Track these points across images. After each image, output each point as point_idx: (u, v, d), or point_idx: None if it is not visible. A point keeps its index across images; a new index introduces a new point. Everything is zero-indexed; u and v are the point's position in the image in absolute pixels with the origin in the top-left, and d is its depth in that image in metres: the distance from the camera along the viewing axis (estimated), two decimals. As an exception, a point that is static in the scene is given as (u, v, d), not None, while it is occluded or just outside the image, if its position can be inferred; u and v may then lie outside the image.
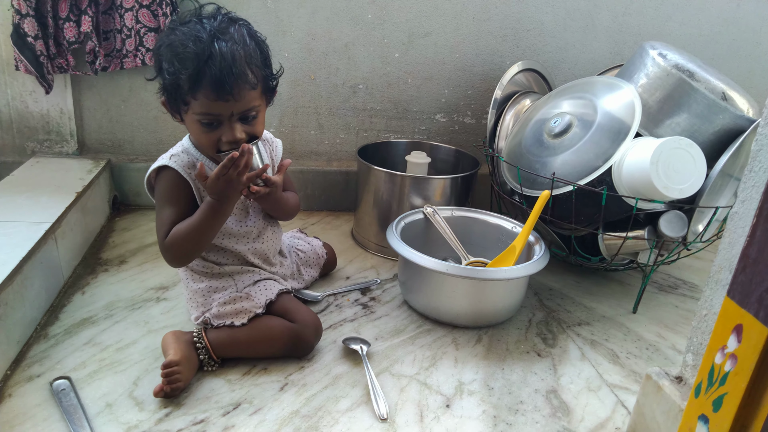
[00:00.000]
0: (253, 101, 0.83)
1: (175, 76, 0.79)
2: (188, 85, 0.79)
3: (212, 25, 0.80)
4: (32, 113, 1.34)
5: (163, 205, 0.87)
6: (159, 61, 0.82)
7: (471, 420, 0.79)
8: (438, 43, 1.41)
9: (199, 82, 0.79)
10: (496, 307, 1.01)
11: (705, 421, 0.58)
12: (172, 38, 0.80)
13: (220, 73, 0.78)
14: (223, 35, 0.79)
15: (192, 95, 0.80)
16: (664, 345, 1.01)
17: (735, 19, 1.47)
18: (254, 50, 0.83)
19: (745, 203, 0.60)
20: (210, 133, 0.83)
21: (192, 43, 0.78)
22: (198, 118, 0.82)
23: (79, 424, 0.73)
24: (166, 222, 0.85)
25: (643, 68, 1.08)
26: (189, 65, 0.78)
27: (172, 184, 0.87)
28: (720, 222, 1.06)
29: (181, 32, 0.79)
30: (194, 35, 0.78)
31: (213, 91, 0.79)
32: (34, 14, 1.17)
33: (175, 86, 0.80)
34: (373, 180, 1.25)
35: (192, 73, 0.78)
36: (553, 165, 1.06)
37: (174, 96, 0.82)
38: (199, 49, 0.78)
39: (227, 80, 0.78)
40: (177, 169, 0.86)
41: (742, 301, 0.54)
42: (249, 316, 0.87)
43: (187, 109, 0.82)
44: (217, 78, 0.78)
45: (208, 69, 0.78)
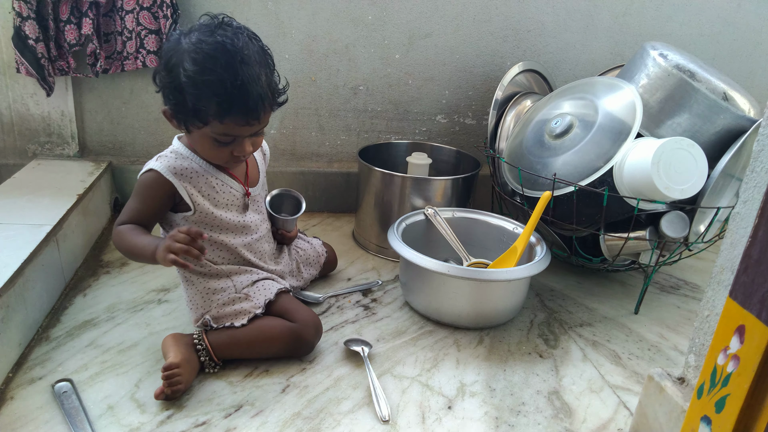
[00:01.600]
0: (266, 120, 0.85)
1: (202, 102, 0.78)
2: (216, 111, 0.79)
3: (236, 47, 0.78)
4: (33, 116, 1.34)
5: (134, 196, 0.87)
6: (177, 81, 0.79)
7: (473, 421, 0.79)
8: (438, 44, 1.41)
9: (229, 110, 0.79)
10: (498, 308, 1.00)
11: (708, 422, 0.58)
12: (196, 58, 0.77)
13: (253, 101, 0.79)
14: (248, 58, 0.79)
15: (218, 120, 0.80)
16: (665, 346, 1.01)
17: (735, 20, 1.47)
18: (270, 70, 0.85)
19: (747, 204, 0.60)
20: (222, 149, 0.84)
21: (223, 69, 0.77)
22: (214, 137, 0.82)
23: (81, 426, 0.73)
24: (128, 212, 0.86)
25: (644, 68, 1.08)
26: (221, 93, 0.77)
27: (150, 184, 0.86)
28: (721, 222, 1.06)
29: (205, 54, 0.77)
30: (222, 61, 0.77)
31: (242, 117, 0.80)
32: (35, 17, 1.18)
33: (199, 110, 0.79)
34: (374, 181, 1.25)
35: (224, 101, 0.78)
36: (554, 166, 1.06)
37: (192, 116, 0.81)
38: (231, 77, 0.77)
39: (257, 107, 0.80)
40: (160, 171, 0.86)
41: (745, 301, 0.54)
42: (248, 317, 0.87)
43: (202, 126, 0.81)
44: (249, 106, 0.79)
45: (240, 97, 0.78)
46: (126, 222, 0.86)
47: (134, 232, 0.85)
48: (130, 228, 0.85)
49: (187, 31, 0.81)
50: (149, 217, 0.87)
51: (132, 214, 0.86)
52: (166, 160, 0.87)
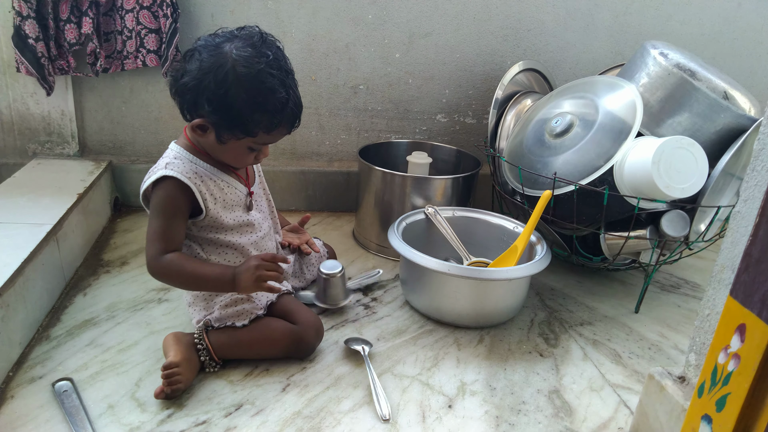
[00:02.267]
0: None
1: (256, 116, 0.81)
2: (269, 124, 0.82)
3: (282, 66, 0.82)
4: (33, 115, 1.34)
5: (158, 215, 0.84)
6: (229, 96, 0.79)
7: (473, 420, 0.79)
8: (439, 43, 1.41)
9: (280, 123, 0.83)
10: (498, 307, 1.00)
11: (708, 421, 0.58)
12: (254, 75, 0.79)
13: (299, 113, 0.86)
14: (291, 72, 0.84)
15: (267, 132, 0.83)
16: (666, 345, 1.01)
17: (736, 19, 1.47)
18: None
19: (748, 202, 0.60)
20: (251, 155, 0.88)
21: (281, 88, 0.81)
22: (253, 146, 0.86)
23: (81, 425, 0.73)
24: (160, 234, 0.83)
25: (645, 67, 1.08)
26: (277, 110, 0.81)
27: (171, 194, 0.84)
28: (722, 221, 1.06)
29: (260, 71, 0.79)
30: (279, 78, 0.81)
31: (287, 128, 0.86)
32: (35, 16, 1.18)
33: (251, 123, 0.81)
34: (374, 180, 1.25)
35: (277, 116, 0.82)
36: (555, 165, 1.06)
37: (238, 129, 0.82)
38: (286, 95, 0.82)
39: (299, 117, 0.87)
40: (177, 176, 0.83)
41: (745, 300, 0.53)
42: (250, 317, 0.87)
43: (245, 137, 0.83)
44: (296, 118, 0.86)
45: (291, 112, 0.84)
46: (165, 250, 0.82)
47: (190, 262, 0.84)
48: (180, 258, 0.83)
49: (226, 40, 0.81)
50: (181, 231, 0.85)
51: (165, 236, 0.83)
52: (176, 166, 0.85)
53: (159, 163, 0.87)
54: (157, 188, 0.84)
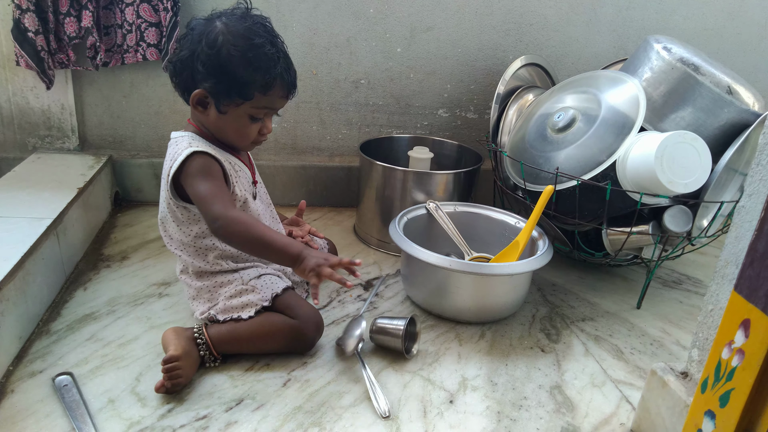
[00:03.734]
0: None
1: (250, 74, 0.82)
2: (265, 84, 0.83)
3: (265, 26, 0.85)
4: (33, 109, 1.33)
5: (204, 178, 0.84)
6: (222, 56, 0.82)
7: (475, 416, 0.79)
8: (440, 37, 1.40)
9: (275, 82, 0.84)
10: (500, 302, 1.00)
11: (711, 416, 0.58)
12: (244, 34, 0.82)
13: (293, 72, 0.88)
14: (276, 35, 0.87)
15: (263, 92, 0.84)
16: (668, 340, 1.00)
17: (740, 13, 1.46)
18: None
19: (753, 197, 0.60)
20: (253, 127, 0.88)
21: (270, 46, 0.83)
22: (253, 113, 0.86)
23: (81, 420, 0.73)
24: (215, 192, 0.83)
25: (648, 62, 1.07)
26: (270, 65, 0.83)
27: (208, 162, 0.86)
28: (725, 217, 1.05)
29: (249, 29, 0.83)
30: (268, 36, 0.84)
31: (285, 89, 0.87)
32: (35, 9, 1.17)
33: (246, 84, 0.83)
34: (375, 175, 1.25)
35: (271, 72, 0.83)
36: (557, 160, 1.05)
37: (235, 92, 0.83)
38: (277, 51, 0.84)
39: (295, 78, 0.88)
40: (206, 150, 0.86)
41: (750, 295, 0.53)
42: (256, 309, 0.87)
43: (242, 102, 0.84)
44: (292, 77, 0.87)
45: (284, 70, 0.85)
46: (227, 207, 0.82)
47: (257, 222, 0.84)
48: (248, 217, 0.84)
49: (215, 16, 0.85)
50: (229, 193, 0.87)
51: (222, 195, 0.84)
52: (200, 145, 0.87)
53: (178, 147, 0.87)
54: (190, 162, 0.85)
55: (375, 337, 0.90)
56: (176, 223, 0.90)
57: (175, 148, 0.88)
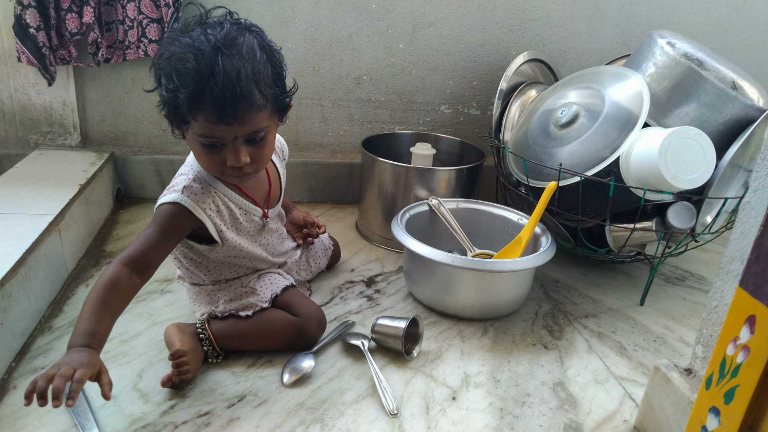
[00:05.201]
0: (260, 123, 0.77)
1: (173, 94, 0.72)
2: (188, 104, 0.72)
3: (217, 36, 0.72)
4: (35, 105, 1.33)
5: (155, 227, 0.79)
6: (158, 74, 0.75)
7: (477, 412, 0.79)
8: (443, 33, 1.40)
9: (200, 103, 0.71)
10: (502, 299, 1.00)
11: (716, 413, 0.57)
12: (172, 50, 0.72)
13: (222, 93, 0.70)
14: (229, 48, 0.71)
15: (192, 115, 0.73)
16: (671, 337, 1.00)
17: (744, 8, 1.45)
18: (264, 65, 0.76)
19: (758, 192, 0.59)
20: (212, 156, 0.77)
21: (193, 57, 0.70)
22: (199, 140, 0.76)
23: (83, 416, 0.73)
24: (142, 243, 0.77)
25: (651, 57, 1.06)
26: (188, 83, 0.70)
27: (178, 218, 0.79)
28: (729, 213, 1.05)
29: (183, 44, 0.72)
30: (196, 48, 0.70)
31: (214, 113, 0.72)
32: (36, 5, 1.17)
33: (174, 104, 0.73)
34: (377, 172, 1.24)
35: (192, 91, 0.71)
36: (560, 156, 1.05)
37: (173, 113, 0.75)
38: (201, 66, 0.70)
39: (230, 102, 0.71)
40: (187, 206, 0.79)
41: (756, 291, 0.53)
42: (254, 309, 0.87)
43: (188, 127, 0.76)
44: (219, 99, 0.71)
45: (209, 88, 0.70)
46: (134, 256, 0.76)
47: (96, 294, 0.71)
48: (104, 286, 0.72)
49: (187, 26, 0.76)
50: (164, 255, 0.79)
51: (146, 246, 0.77)
52: (195, 192, 0.81)
53: (178, 181, 0.82)
54: (166, 210, 0.80)
55: (376, 337, 0.90)
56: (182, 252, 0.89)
57: (180, 178, 0.83)
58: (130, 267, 0.76)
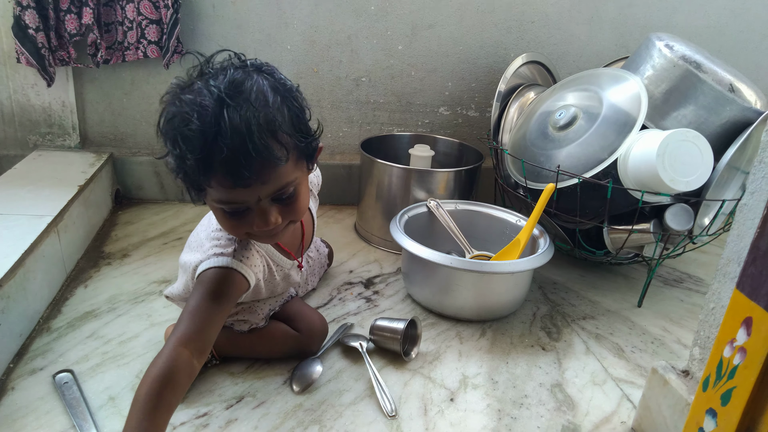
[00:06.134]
0: (285, 178, 0.66)
1: (181, 161, 0.62)
2: (198, 170, 0.62)
3: (220, 86, 0.60)
4: (34, 106, 1.33)
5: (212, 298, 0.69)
6: (164, 140, 0.64)
7: (475, 414, 0.79)
8: (442, 35, 1.40)
9: (210, 167, 0.61)
10: (501, 300, 1.00)
11: (713, 415, 0.58)
12: (173, 111, 0.62)
13: (233, 153, 0.59)
14: (234, 98, 0.60)
15: (205, 182, 0.63)
16: (669, 339, 1.00)
17: (742, 11, 1.46)
18: (279, 110, 0.64)
19: (755, 194, 0.59)
20: (237, 221, 0.67)
21: (196, 116, 0.59)
22: (219, 207, 0.66)
23: (82, 417, 0.73)
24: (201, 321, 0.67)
25: (650, 60, 1.07)
26: (195, 147, 0.60)
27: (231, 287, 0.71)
28: (726, 215, 1.05)
29: (184, 102, 0.61)
30: (198, 104, 0.60)
31: (228, 177, 0.62)
32: (35, 6, 1.17)
33: (184, 171, 0.64)
34: (376, 173, 1.24)
35: (200, 157, 0.60)
36: (558, 158, 1.05)
37: (186, 180, 0.65)
38: (205, 125, 0.59)
39: (244, 161, 0.60)
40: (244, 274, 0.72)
41: (752, 293, 0.53)
42: (250, 326, 0.85)
43: (204, 194, 0.66)
44: (231, 160, 0.60)
45: (217, 150, 0.59)
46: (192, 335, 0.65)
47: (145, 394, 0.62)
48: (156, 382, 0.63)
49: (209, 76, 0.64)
50: (221, 323, 0.70)
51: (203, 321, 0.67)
52: (242, 255, 0.72)
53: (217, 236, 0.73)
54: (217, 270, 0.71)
55: (374, 338, 0.90)
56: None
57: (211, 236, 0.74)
58: (190, 349, 0.65)
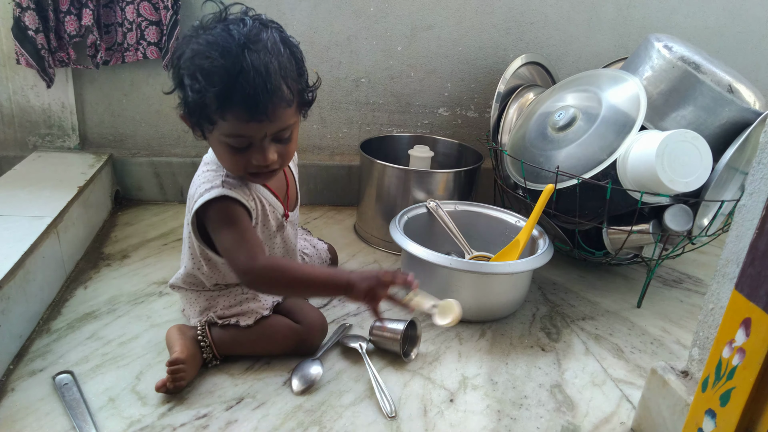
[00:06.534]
0: (289, 119, 0.76)
1: (200, 94, 0.70)
2: (216, 104, 0.70)
3: (241, 32, 0.70)
4: (34, 107, 1.33)
5: (229, 224, 0.77)
6: (179, 75, 0.73)
7: (475, 414, 0.79)
8: (441, 36, 1.40)
9: (229, 102, 0.70)
10: (500, 301, 1.00)
11: (712, 415, 0.58)
12: (195, 48, 0.71)
13: (254, 90, 0.69)
14: (254, 44, 0.70)
15: (220, 115, 0.71)
16: (668, 339, 1.00)
17: (741, 12, 1.46)
18: (289, 60, 0.75)
19: (754, 195, 0.60)
20: (238, 156, 0.76)
21: (219, 55, 0.69)
22: (226, 141, 0.74)
23: (81, 418, 0.73)
24: (240, 240, 0.76)
25: (649, 60, 1.07)
26: (216, 82, 0.69)
27: (233, 207, 0.78)
28: (725, 216, 1.05)
29: (206, 41, 0.70)
30: (221, 45, 0.69)
31: (246, 111, 0.71)
32: (35, 7, 1.17)
33: (200, 105, 0.71)
34: (375, 174, 1.24)
35: (220, 90, 0.69)
36: (557, 158, 1.05)
37: (198, 114, 0.73)
38: (228, 63, 0.68)
39: (261, 98, 0.70)
40: (237, 197, 0.78)
41: (751, 294, 0.53)
42: (255, 318, 0.85)
43: (213, 128, 0.74)
44: (251, 96, 0.69)
45: (239, 86, 0.69)
46: (256, 255, 0.75)
47: (290, 264, 0.78)
48: (278, 260, 0.77)
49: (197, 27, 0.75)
50: (257, 236, 0.79)
51: (248, 241, 0.76)
52: (233, 185, 0.79)
53: (207, 178, 0.80)
54: (210, 207, 0.78)
55: (374, 339, 0.90)
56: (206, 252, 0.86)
57: (205, 176, 0.81)
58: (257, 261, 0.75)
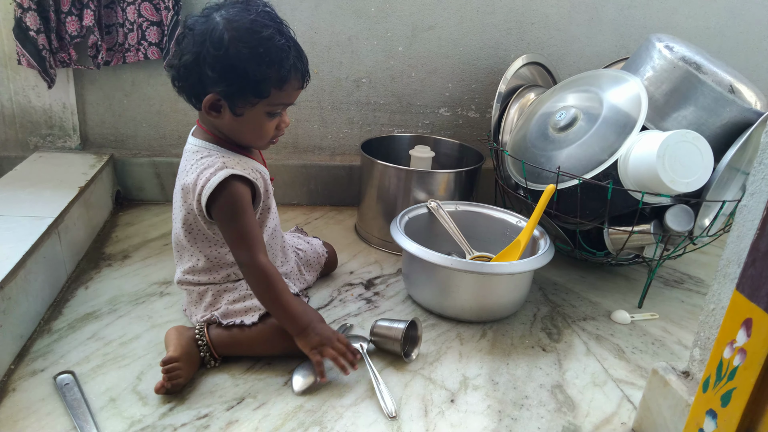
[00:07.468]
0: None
1: (264, 71, 0.77)
2: (278, 77, 0.79)
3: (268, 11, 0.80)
4: (35, 108, 1.33)
5: (239, 215, 0.81)
6: (233, 57, 0.76)
7: (476, 415, 0.79)
8: (442, 36, 1.40)
9: (289, 73, 0.80)
10: (501, 301, 1.00)
11: (713, 416, 0.58)
12: (251, 28, 0.77)
13: (306, 61, 0.83)
14: (279, 20, 0.81)
15: (279, 87, 0.80)
16: (669, 340, 1.00)
17: (742, 12, 1.46)
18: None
19: (755, 196, 0.60)
20: (271, 124, 0.85)
21: (276, 32, 0.78)
22: (270, 110, 0.82)
23: (83, 418, 0.73)
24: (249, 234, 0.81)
25: (650, 61, 1.07)
26: (282, 58, 0.78)
27: (241, 192, 0.82)
28: (726, 216, 1.05)
29: (245, 27, 0.77)
30: (268, 25, 0.78)
31: (300, 79, 0.83)
32: (36, 8, 1.17)
33: (259, 81, 0.78)
34: (376, 174, 1.24)
35: (284, 65, 0.78)
36: (558, 159, 1.05)
37: (250, 92, 0.79)
38: (285, 39, 0.79)
39: (305, 66, 0.83)
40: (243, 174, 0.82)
41: (752, 294, 0.53)
42: (260, 314, 0.86)
43: (258, 102, 0.80)
44: (305, 65, 0.83)
45: (297, 61, 0.81)
46: (260, 251, 0.81)
47: (282, 283, 0.82)
48: (274, 270, 0.82)
49: (212, 10, 0.79)
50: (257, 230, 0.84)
51: (255, 236, 0.82)
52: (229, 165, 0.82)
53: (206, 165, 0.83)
54: (232, 188, 0.81)
55: (375, 339, 0.90)
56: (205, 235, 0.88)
57: (202, 163, 0.83)
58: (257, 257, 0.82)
